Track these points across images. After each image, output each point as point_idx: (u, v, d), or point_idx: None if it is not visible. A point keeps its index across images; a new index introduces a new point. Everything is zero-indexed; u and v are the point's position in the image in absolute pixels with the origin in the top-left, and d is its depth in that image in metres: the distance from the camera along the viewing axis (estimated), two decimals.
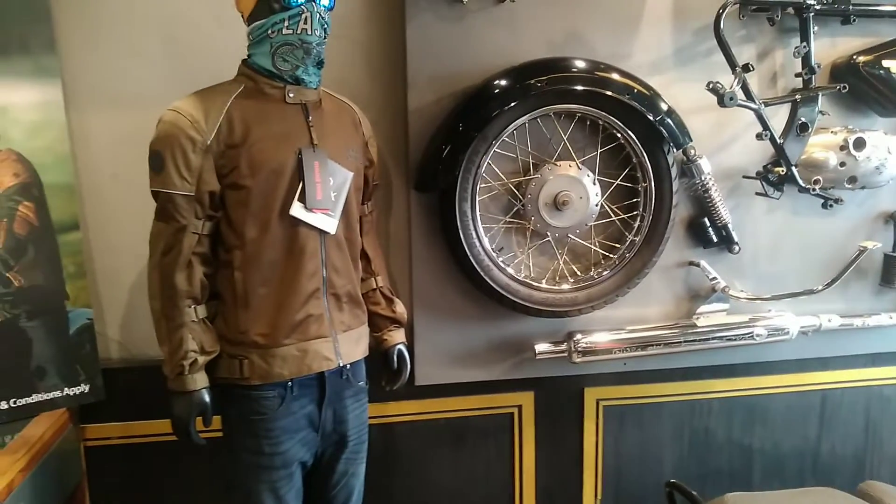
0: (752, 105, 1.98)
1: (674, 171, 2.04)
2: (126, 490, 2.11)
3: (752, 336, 2.21)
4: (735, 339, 2.21)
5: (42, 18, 1.82)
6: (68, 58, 1.90)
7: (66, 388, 1.89)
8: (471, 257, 1.99)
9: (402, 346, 1.82)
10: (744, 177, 2.19)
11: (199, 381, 1.52)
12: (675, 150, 2.01)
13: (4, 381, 1.80)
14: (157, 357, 1.60)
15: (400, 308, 1.83)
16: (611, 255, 2.14)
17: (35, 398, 1.84)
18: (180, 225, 1.50)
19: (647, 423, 2.39)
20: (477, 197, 1.97)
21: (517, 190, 2.04)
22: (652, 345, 2.18)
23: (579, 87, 1.90)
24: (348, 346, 1.64)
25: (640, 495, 2.42)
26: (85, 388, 1.92)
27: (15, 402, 1.81)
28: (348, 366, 1.65)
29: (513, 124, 1.93)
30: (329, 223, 1.58)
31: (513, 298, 2.04)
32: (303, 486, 1.66)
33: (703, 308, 2.24)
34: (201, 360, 1.52)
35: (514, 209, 2.06)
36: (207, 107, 1.50)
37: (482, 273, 2.00)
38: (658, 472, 2.42)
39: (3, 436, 1.73)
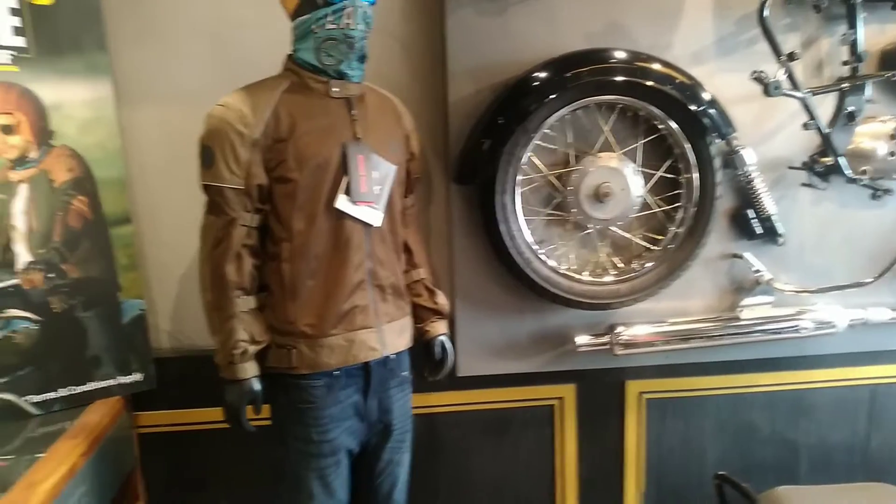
0: (798, 94, 1.97)
1: (717, 162, 2.03)
2: (178, 476, 2.19)
3: (798, 329, 2.19)
4: (780, 333, 2.20)
5: (94, 18, 1.90)
6: (118, 56, 1.97)
7: (119, 377, 1.98)
8: (511, 250, 2.01)
9: (444, 338, 1.85)
10: (789, 167, 2.17)
11: (250, 370, 1.57)
12: (717, 140, 2.00)
13: (62, 369, 1.89)
14: (206, 347, 1.66)
15: (442, 300, 1.86)
16: (653, 247, 2.14)
17: (90, 386, 1.93)
18: (230, 218, 1.55)
19: (691, 416, 2.40)
20: (517, 189, 2.00)
21: (558, 182, 2.06)
22: (694, 337, 2.18)
23: (619, 78, 1.91)
24: (392, 336, 1.68)
25: (684, 488, 2.43)
26: (137, 376, 2.01)
27: (72, 390, 1.90)
28: (392, 356, 1.69)
29: (553, 116, 1.95)
30: (373, 216, 1.62)
31: (554, 291, 2.06)
32: (350, 474, 1.71)
33: (746, 301, 2.22)
34: (251, 349, 1.57)
35: (555, 201, 2.08)
36: (255, 102, 1.54)
37: (522, 266, 2.03)
38: (702, 466, 2.42)
39: (63, 422, 1.81)
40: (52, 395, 1.88)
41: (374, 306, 1.64)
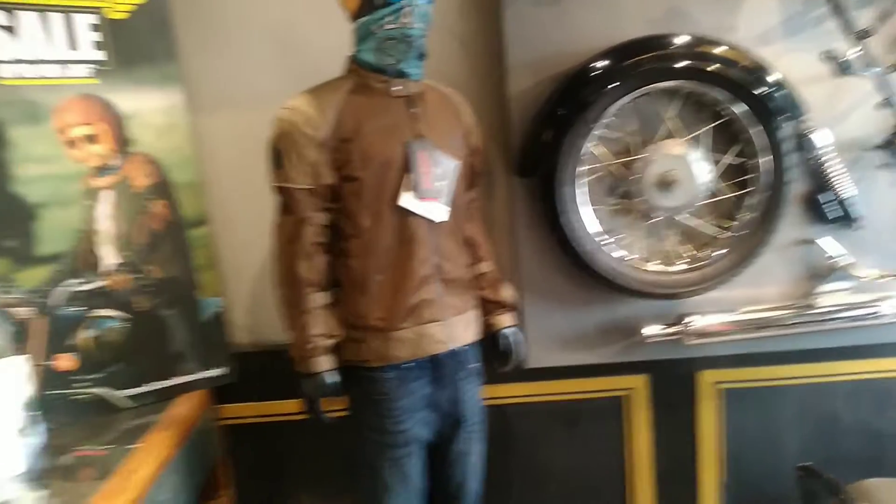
0: (871, 72, 1.88)
1: (787, 146, 1.97)
2: (260, 465, 2.28)
3: (878, 316, 2.09)
4: (859, 320, 2.11)
5: (164, 30, 1.98)
6: (188, 64, 2.05)
7: (202, 371, 2.06)
8: (574, 241, 2.00)
9: (510, 330, 1.86)
10: (865, 149, 2.08)
11: (325, 363, 1.62)
12: (788, 123, 1.94)
13: (149, 365, 1.98)
14: (282, 341, 1.71)
15: (507, 292, 1.86)
16: (723, 235, 2.09)
17: (176, 380, 2.02)
18: (301, 217, 1.60)
19: (768, 406, 2.33)
20: (579, 180, 1.98)
21: (622, 171, 2.04)
22: (769, 326, 2.12)
23: (681, 64, 1.87)
24: (460, 329, 1.71)
25: (763, 480, 2.36)
26: (219, 371, 2.09)
27: (160, 384, 1.99)
28: (461, 348, 1.71)
29: (615, 105, 1.93)
30: (437, 211, 1.64)
31: (621, 281, 2.04)
32: (425, 464, 1.74)
33: (823, 287, 2.14)
34: (326, 343, 1.62)
35: (620, 190, 2.06)
36: (320, 103, 1.58)
37: (587, 257, 2.02)
38: (781, 457, 2.34)
39: (152, 415, 1.90)
40: (141, 389, 1.97)
41: (441, 300, 1.66)
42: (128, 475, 1.57)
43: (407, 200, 1.60)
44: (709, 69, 1.86)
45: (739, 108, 1.95)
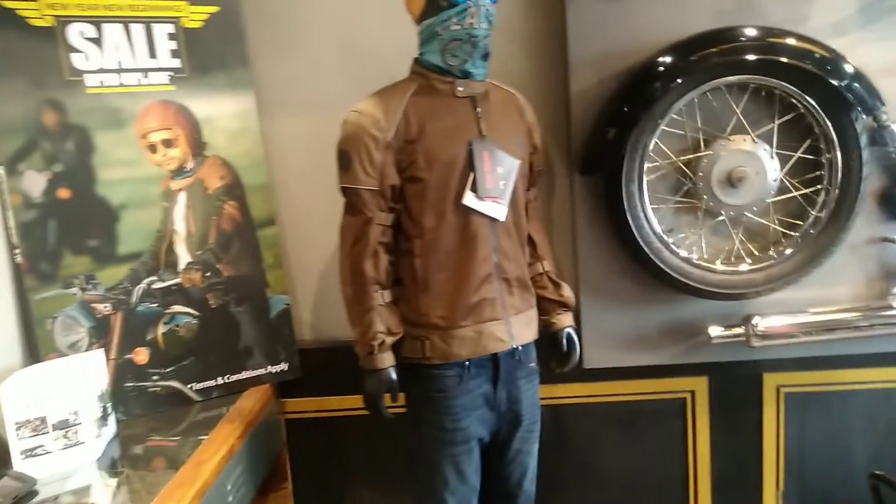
0: None
1: (863, 140, 1.88)
2: (320, 459, 2.30)
3: None
4: None
5: (236, 37, 2.03)
6: (259, 70, 2.09)
7: (268, 366, 2.09)
8: (639, 239, 1.96)
9: (570, 330, 1.83)
10: None
11: (387, 359, 1.63)
12: (863, 116, 1.85)
13: (220, 360, 2.02)
14: (345, 338, 1.73)
15: (567, 292, 1.84)
16: (792, 233, 2.01)
17: (244, 375, 2.06)
18: (367, 217, 1.61)
19: (835, 411, 2.23)
20: (644, 177, 1.94)
21: (687, 168, 1.98)
22: (840, 328, 2.02)
23: (751, 57, 1.81)
24: (519, 328, 1.69)
25: (829, 488, 2.26)
26: (284, 366, 2.12)
27: (228, 378, 2.04)
28: (520, 347, 1.69)
29: (680, 101, 1.88)
30: (499, 210, 1.62)
31: (685, 281, 1.98)
32: (480, 463, 1.72)
33: None
34: (388, 340, 1.62)
35: (685, 188, 2.00)
36: (386, 106, 1.59)
37: (652, 255, 1.97)
38: (848, 465, 2.24)
39: (220, 407, 1.95)
40: (211, 383, 2.01)
41: (502, 299, 1.65)
42: (197, 465, 1.61)
43: (470, 200, 1.59)
44: (780, 62, 1.79)
45: (812, 102, 1.87)
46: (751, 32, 1.83)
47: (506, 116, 1.71)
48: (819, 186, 1.96)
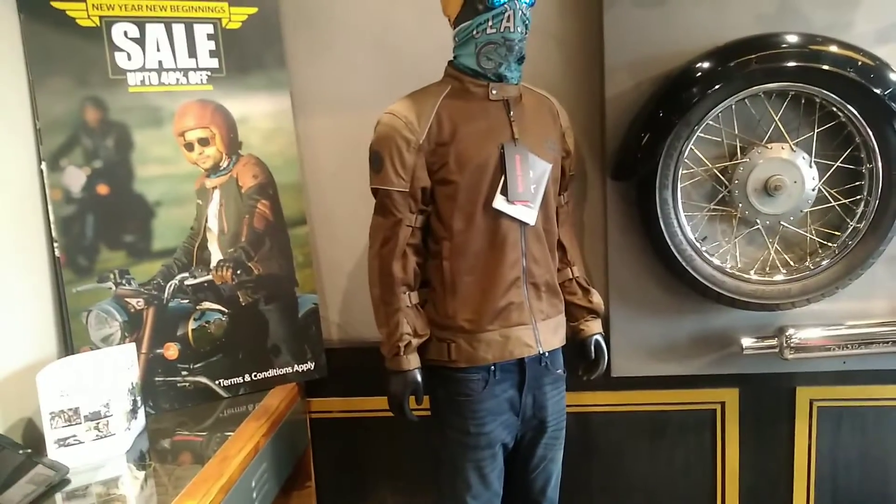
0: None
1: None
2: (344, 458, 2.28)
3: None
4: None
5: (274, 38, 2.03)
6: (295, 71, 2.08)
7: (295, 365, 2.08)
8: (672, 247, 1.90)
9: (598, 337, 1.78)
10: None
11: (413, 361, 1.60)
12: None
13: (248, 357, 2.01)
14: (372, 339, 1.70)
15: (596, 298, 1.79)
16: (829, 244, 1.93)
17: (271, 373, 2.04)
18: (397, 219, 1.58)
19: (870, 427, 2.14)
20: (679, 184, 1.88)
21: (723, 175, 1.91)
22: (876, 342, 1.95)
23: (792, 64, 1.74)
24: (547, 333, 1.65)
25: None
26: (311, 365, 2.10)
27: (255, 376, 2.02)
28: (547, 353, 1.65)
29: (718, 107, 1.82)
30: (529, 214, 1.59)
31: (718, 290, 1.92)
32: (504, 468, 1.68)
33: None
34: (414, 342, 1.59)
35: (720, 196, 1.93)
36: (419, 108, 1.57)
37: (684, 263, 1.91)
38: (882, 483, 2.16)
39: (246, 404, 1.93)
40: (238, 380, 2.00)
41: (529, 303, 1.61)
42: (223, 461, 1.60)
43: (500, 203, 1.56)
44: (822, 69, 1.72)
45: (853, 110, 1.79)
46: (792, 39, 1.76)
47: (539, 120, 1.67)
48: (858, 197, 1.89)
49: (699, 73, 1.77)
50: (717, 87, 1.75)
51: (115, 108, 1.84)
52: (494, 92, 1.58)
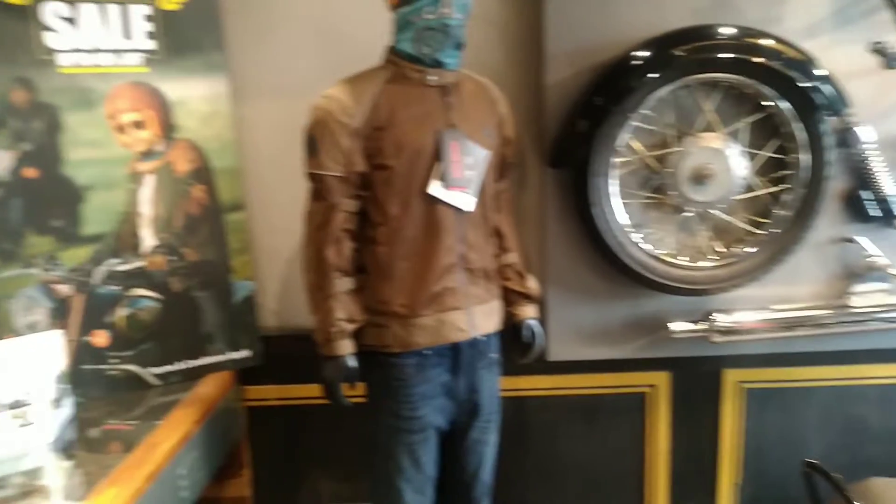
0: None
1: (829, 141, 1.80)
2: (282, 446, 2.20)
3: None
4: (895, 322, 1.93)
5: (213, 21, 1.92)
6: (236, 55, 1.97)
7: (230, 353, 2.00)
8: (605, 234, 1.87)
9: (533, 321, 1.75)
10: None
11: (346, 347, 1.55)
12: (830, 117, 1.77)
13: (181, 345, 1.92)
14: (307, 326, 1.64)
15: (531, 283, 1.76)
16: (757, 231, 1.93)
17: (204, 360, 1.96)
18: (331, 203, 1.53)
19: (793, 407, 2.16)
20: (612, 171, 1.85)
21: (656, 164, 1.89)
22: (800, 326, 1.96)
23: (725, 55, 1.74)
24: (481, 318, 1.62)
25: (782, 483, 2.18)
26: (246, 353, 2.02)
27: (188, 364, 1.94)
28: (481, 338, 1.62)
29: (653, 96, 1.79)
30: (466, 201, 1.55)
31: (649, 275, 1.90)
32: (438, 452, 1.65)
33: (859, 287, 1.96)
34: (349, 328, 1.55)
35: (653, 184, 1.91)
36: (357, 93, 1.51)
37: (617, 250, 1.88)
38: (803, 460, 2.18)
39: (179, 393, 1.85)
40: (170, 367, 1.91)
41: (464, 289, 1.58)
42: (150, 448, 1.54)
43: (436, 189, 1.52)
44: (753, 61, 1.72)
45: (782, 102, 1.79)
46: (725, 31, 1.75)
47: (477, 107, 1.63)
48: (785, 186, 1.89)
49: (635, 62, 1.75)
50: (651, 76, 1.73)
51: (45, 88, 1.73)
52: (432, 78, 1.53)
